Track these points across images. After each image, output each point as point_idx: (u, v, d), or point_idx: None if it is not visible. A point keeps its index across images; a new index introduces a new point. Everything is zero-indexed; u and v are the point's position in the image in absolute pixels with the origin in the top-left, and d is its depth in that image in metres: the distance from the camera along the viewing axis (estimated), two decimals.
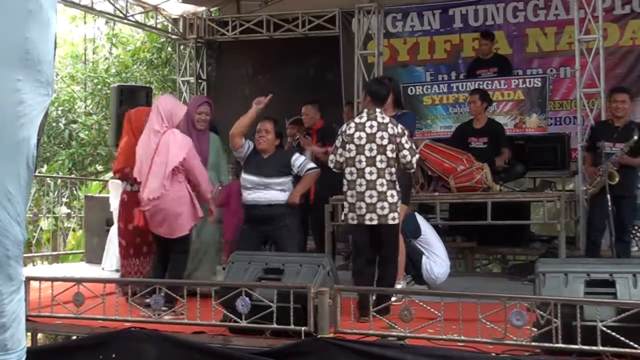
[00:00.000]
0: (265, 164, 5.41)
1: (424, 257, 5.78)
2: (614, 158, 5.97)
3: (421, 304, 3.90)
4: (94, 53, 15.73)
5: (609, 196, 5.88)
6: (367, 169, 4.82)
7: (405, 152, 4.86)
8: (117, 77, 14.03)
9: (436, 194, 6.68)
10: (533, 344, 3.62)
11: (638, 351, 3.33)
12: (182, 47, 11.02)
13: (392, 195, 4.81)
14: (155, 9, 10.37)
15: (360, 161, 4.84)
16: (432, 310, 3.84)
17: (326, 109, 8.15)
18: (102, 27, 15.57)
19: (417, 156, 4.95)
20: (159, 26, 10.84)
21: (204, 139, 5.75)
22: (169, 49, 13.27)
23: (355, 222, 4.88)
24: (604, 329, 3.38)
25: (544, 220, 6.83)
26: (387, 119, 4.92)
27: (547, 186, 7.14)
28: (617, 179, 5.93)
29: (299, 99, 7.71)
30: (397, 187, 4.87)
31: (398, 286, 5.26)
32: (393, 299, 4.94)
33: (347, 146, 4.89)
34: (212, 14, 10.97)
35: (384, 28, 9.11)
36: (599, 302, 3.52)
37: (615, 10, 8.32)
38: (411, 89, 8.35)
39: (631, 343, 3.33)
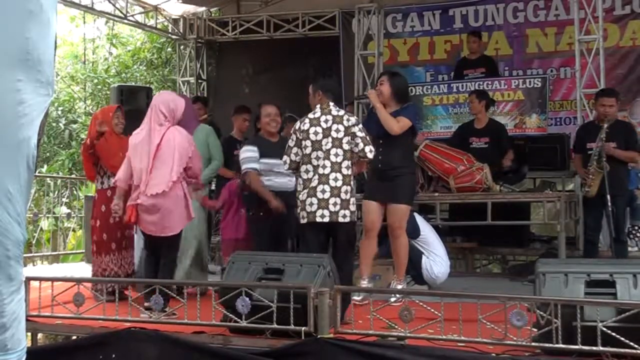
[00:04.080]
0: (277, 147, 5.29)
1: (423, 257, 5.78)
2: (600, 146, 5.92)
3: (421, 304, 3.89)
4: (93, 53, 15.71)
5: (608, 196, 5.90)
6: (321, 163, 4.68)
7: (357, 139, 4.72)
8: (117, 77, 14.02)
9: (436, 194, 6.69)
10: (533, 344, 3.62)
11: (638, 351, 3.33)
12: (182, 47, 11.02)
13: (345, 192, 4.65)
14: (155, 9, 10.37)
15: (317, 157, 4.70)
16: (432, 310, 3.83)
17: None
18: (101, 27, 15.54)
19: (372, 147, 4.75)
20: (159, 26, 10.84)
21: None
22: (169, 49, 13.27)
23: (305, 220, 4.71)
24: (604, 329, 3.37)
25: (544, 220, 6.83)
26: (342, 112, 4.84)
27: (547, 186, 7.15)
28: (608, 168, 5.91)
29: (299, 100, 7.69)
30: (352, 183, 4.72)
31: (398, 286, 5.27)
32: (393, 299, 4.94)
33: (303, 143, 4.75)
34: (212, 14, 10.98)
35: (384, 28, 9.13)
36: (599, 302, 3.51)
37: (615, 10, 8.33)
38: (411, 90, 8.28)
39: (631, 343, 3.33)
